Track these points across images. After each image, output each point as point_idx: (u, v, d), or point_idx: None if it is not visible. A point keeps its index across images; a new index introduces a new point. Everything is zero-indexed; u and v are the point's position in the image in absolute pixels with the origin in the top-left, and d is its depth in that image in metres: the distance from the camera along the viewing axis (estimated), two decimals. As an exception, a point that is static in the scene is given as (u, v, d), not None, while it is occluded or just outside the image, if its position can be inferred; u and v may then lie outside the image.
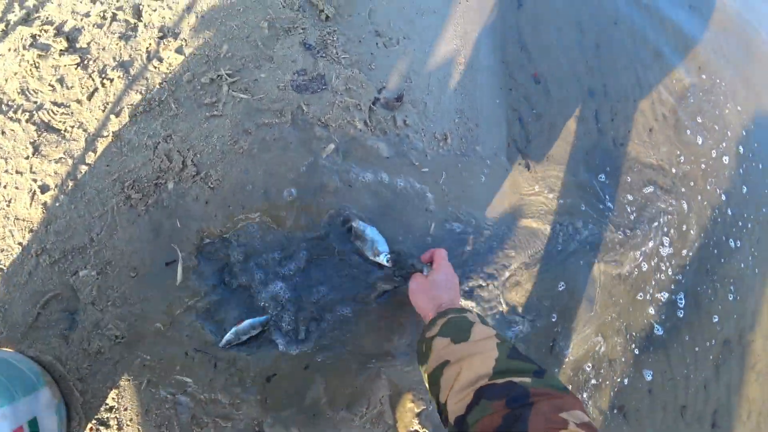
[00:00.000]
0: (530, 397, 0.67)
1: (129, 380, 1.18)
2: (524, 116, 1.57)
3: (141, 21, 1.37)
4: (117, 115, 1.27)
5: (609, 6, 1.80)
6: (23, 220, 1.23)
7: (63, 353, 1.19)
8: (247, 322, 1.18)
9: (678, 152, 1.64)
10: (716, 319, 1.52)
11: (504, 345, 0.84)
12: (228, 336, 1.17)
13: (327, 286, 1.21)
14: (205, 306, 1.19)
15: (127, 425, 1.17)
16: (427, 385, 0.92)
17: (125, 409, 1.18)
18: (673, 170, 1.61)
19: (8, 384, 0.98)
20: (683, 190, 1.60)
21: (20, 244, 1.22)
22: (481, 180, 1.44)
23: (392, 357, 1.26)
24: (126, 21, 1.36)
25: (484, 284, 1.38)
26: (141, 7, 1.39)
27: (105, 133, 1.26)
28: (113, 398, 1.18)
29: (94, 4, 1.38)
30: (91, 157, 1.25)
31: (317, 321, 1.19)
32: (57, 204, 1.23)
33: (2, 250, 1.22)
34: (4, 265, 1.22)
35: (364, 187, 1.26)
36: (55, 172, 1.25)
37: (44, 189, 1.24)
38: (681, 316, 1.50)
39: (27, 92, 1.31)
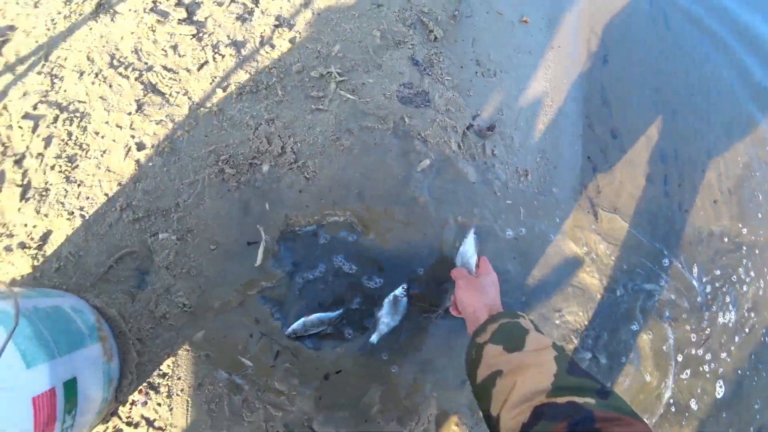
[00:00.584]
0: (595, 422, 0.60)
1: (188, 351, 1.17)
2: (598, 167, 1.61)
3: (258, 7, 1.41)
4: (224, 90, 1.30)
5: (688, 77, 1.88)
6: (114, 173, 1.24)
7: (127, 310, 1.18)
8: (316, 316, 1.18)
9: (740, 225, 1.68)
10: (758, 406, 1.53)
11: (562, 358, 0.76)
12: (295, 325, 1.17)
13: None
14: (278, 292, 1.19)
15: (177, 395, 1.16)
16: (474, 393, 0.85)
17: (178, 379, 1.16)
18: (732, 242, 1.64)
19: (51, 339, 0.92)
20: (742, 264, 1.63)
21: (106, 195, 1.23)
22: (555, 221, 1.47)
23: (444, 376, 1.26)
24: (244, 4, 1.41)
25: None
26: (261, -7, 1.43)
27: (209, 105, 1.29)
28: (168, 365, 1.17)
29: (216, -16, 1.42)
30: (191, 125, 1.27)
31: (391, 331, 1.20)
32: (150, 164, 1.24)
33: (87, 198, 1.23)
34: (87, 213, 1.22)
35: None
36: (154, 133, 1.26)
37: (140, 147, 1.26)
38: (720, 396, 1.51)
39: (140, 52, 1.34)
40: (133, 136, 1.26)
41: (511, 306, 1.36)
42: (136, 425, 1.16)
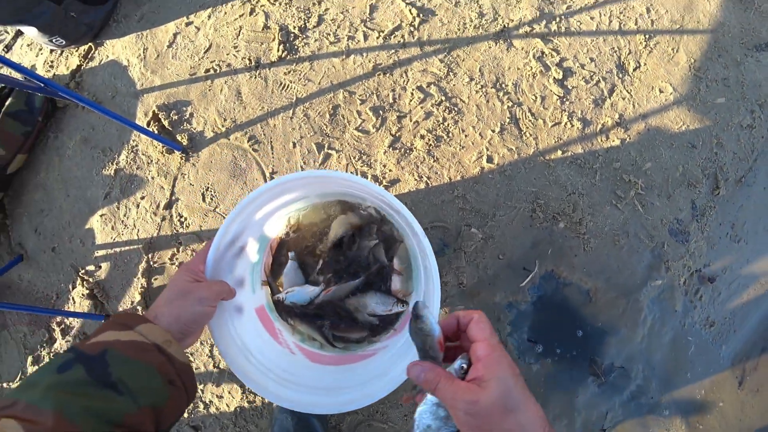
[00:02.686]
0: None
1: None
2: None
3: (610, 99, 1.76)
4: (562, 153, 1.69)
5: None
6: (462, 166, 1.68)
7: (422, 261, 1.65)
8: (535, 337, 1.64)
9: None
10: None
11: None
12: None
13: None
14: (521, 310, 1.65)
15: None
16: None
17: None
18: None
19: None
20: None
21: (450, 179, 1.67)
22: (709, 371, 1.87)
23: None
24: (602, 91, 1.76)
25: None
26: (615, 88, 1.77)
27: (546, 158, 1.68)
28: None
29: (583, 69, 1.76)
30: (529, 166, 1.68)
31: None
32: (490, 176, 1.67)
33: (436, 173, 1.67)
34: (431, 183, 1.67)
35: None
36: (503, 155, 1.68)
37: (489, 159, 1.68)
38: None
39: (517, 88, 1.72)
40: (487, 148, 1.68)
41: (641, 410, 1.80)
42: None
